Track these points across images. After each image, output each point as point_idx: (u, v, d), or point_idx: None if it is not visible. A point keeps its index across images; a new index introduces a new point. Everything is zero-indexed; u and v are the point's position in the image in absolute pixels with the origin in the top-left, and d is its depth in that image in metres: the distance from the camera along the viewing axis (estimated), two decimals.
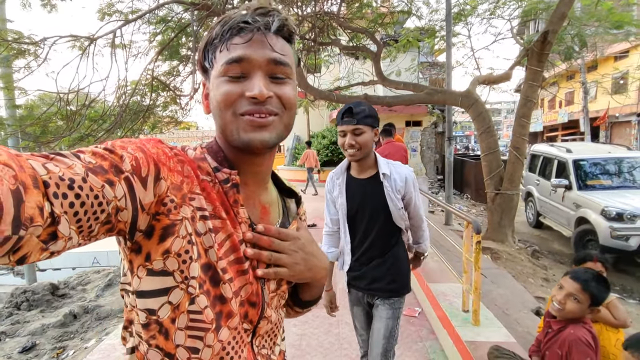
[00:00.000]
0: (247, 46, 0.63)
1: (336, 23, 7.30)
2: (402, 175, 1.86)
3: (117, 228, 0.53)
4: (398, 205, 1.84)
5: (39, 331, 4.31)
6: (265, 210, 0.74)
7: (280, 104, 0.66)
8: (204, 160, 0.67)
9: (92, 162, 0.50)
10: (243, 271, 0.66)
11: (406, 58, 8.97)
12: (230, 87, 0.63)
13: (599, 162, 6.98)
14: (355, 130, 1.74)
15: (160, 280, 0.58)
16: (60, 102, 5.28)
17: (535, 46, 5.40)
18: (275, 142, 0.66)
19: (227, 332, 0.63)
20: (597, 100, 18.50)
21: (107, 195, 0.49)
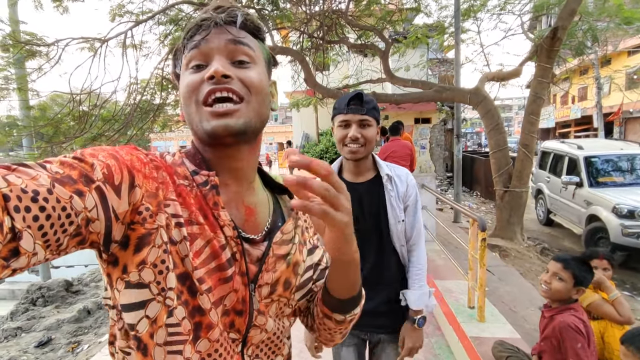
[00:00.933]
0: (208, 36, 0.62)
1: (344, 21, 7.31)
2: (403, 177, 1.55)
3: (89, 240, 0.51)
4: (399, 217, 1.52)
5: (54, 326, 4.44)
6: (250, 211, 0.70)
7: (245, 88, 0.62)
8: (182, 164, 0.65)
9: (59, 172, 0.47)
10: (226, 279, 0.61)
11: (415, 54, 8.93)
12: (192, 77, 0.62)
13: (611, 158, 6.89)
14: (362, 121, 1.43)
15: (137, 293, 0.55)
16: (73, 103, 5.40)
17: (545, 42, 5.35)
18: (241, 128, 0.61)
19: (206, 344, 0.60)
20: (611, 96, 18.19)
21: (76, 206, 0.46)
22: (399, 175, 1.55)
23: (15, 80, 5.68)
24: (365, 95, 1.46)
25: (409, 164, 5.70)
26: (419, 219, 1.55)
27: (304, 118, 15.07)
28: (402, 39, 7.89)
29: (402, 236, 1.53)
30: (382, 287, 1.55)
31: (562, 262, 1.85)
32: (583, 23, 7.98)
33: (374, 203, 1.52)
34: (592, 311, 2.33)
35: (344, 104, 1.44)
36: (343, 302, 0.70)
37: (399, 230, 1.51)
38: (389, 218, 1.51)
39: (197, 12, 6.26)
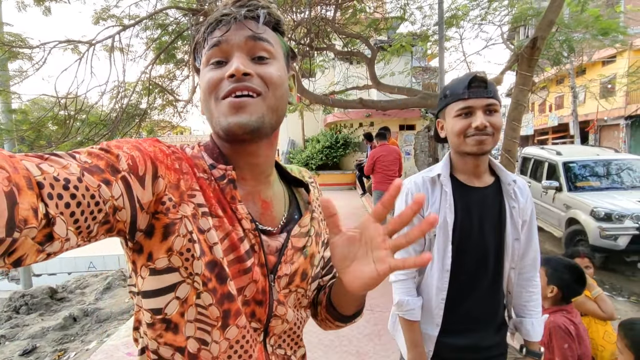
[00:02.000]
0: (228, 32, 0.63)
1: (331, 28, 7.42)
2: (523, 187, 1.28)
3: (117, 228, 0.53)
4: (516, 234, 1.24)
5: (39, 334, 4.33)
6: (266, 205, 0.71)
7: (263, 83, 0.63)
8: (201, 158, 0.66)
9: (87, 162, 0.49)
10: (245, 270, 0.63)
11: (400, 62, 9.11)
12: (213, 73, 0.63)
13: (588, 164, 7.16)
14: (489, 106, 1.15)
15: (166, 278, 0.57)
16: (58, 107, 5.32)
17: (525, 52, 5.54)
18: (256, 125, 0.62)
19: (235, 330, 0.62)
20: (586, 105, 18.90)
21: (104, 194, 0.48)
22: (519, 184, 1.27)
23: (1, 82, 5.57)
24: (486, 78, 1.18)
25: (398, 169, 5.81)
26: (536, 239, 1.32)
27: (290, 124, 15.11)
28: (387, 47, 8.05)
29: (516, 257, 1.27)
30: (490, 318, 1.30)
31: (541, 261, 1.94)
32: (560, 34, 8.30)
33: (495, 216, 1.24)
34: (575, 308, 2.44)
35: (462, 87, 1.17)
36: (347, 316, 0.77)
37: (514, 250, 1.25)
38: (506, 235, 1.24)
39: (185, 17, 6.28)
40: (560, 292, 1.88)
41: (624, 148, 16.56)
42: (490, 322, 1.30)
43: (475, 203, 1.24)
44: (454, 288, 1.25)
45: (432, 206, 1.26)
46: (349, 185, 13.58)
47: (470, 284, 1.26)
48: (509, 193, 1.24)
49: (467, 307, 1.27)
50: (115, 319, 4.61)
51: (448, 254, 1.23)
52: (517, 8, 8.14)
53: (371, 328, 3.36)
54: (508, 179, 1.24)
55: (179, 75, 7.33)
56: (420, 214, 1.26)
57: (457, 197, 1.24)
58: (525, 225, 1.27)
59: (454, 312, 1.27)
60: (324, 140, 14.50)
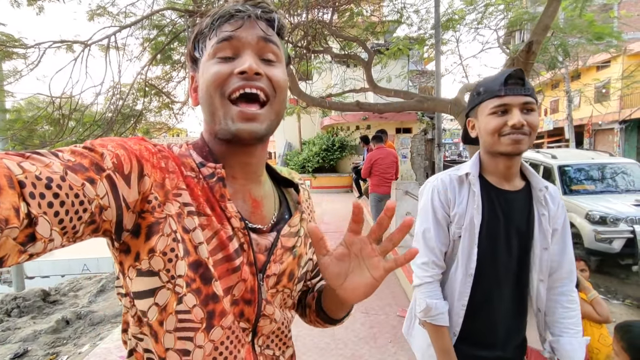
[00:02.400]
0: (238, 29, 0.62)
1: (328, 31, 7.43)
2: (554, 194, 1.21)
3: (103, 228, 0.52)
4: (545, 243, 1.17)
5: (30, 337, 4.28)
6: (257, 204, 0.70)
7: (271, 86, 0.63)
8: (189, 156, 0.65)
9: (71, 160, 0.48)
10: (234, 269, 0.62)
11: (397, 65, 9.15)
12: (220, 67, 0.62)
13: (583, 167, 7.20)
14: (526, 104, 1.10)
15: (148, 281, 0.56)
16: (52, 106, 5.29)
17: (521, 56, 5.56)
18: (265, 133, 0.63)
19: (219, 332, 0.61)
20: (581, 109, 19.04)
21: (88, 193, 0.48)
22: (550, 190, 1.20)
23: None
24: (521, 72, 1.11)
25: (395, 172, 5.81)
26: (570, 249, 1.21)
27: (287, 127, 15.12)
28: (384, 50, 8.08)
29: (545, 268, 1.18)
30: (513, 332, 1.21)
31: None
32: (555, 38, 8.36)
33: (522, 222, 1.18)
34: None
35: (499, 84, 1.11)
36: (338, 319, 0.80)
37: (542, 260, 1.17)
38: (534, 243, 1.18)
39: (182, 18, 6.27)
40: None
41: (619, 152, 16.70)
42: (512, 337, 1.21)
43: (503, 206, 1.18)
44: (477, 294, 1.19)
45: (459, 206, 1.20)
46: (346, 188, 13.58)
47: (494, 291, 1.19)
48: (539, 199, 1.17)
49: (489, 317, 1.19)
50: (108, 322, 4.56)
51: (473, 257, 1.17)
52: (513, 12, 8.20)
53: (367, 331, 3.34)
54: (540, 185, 1.18)
55: (175, 77, 7.31)
56: (446, 212, 1.23)
57: (485, 199, 1.18)
58: (557, 235, 1.20)
59: (475, 319, 1.20)
60: (320, 143, 14.51)
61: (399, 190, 5.33)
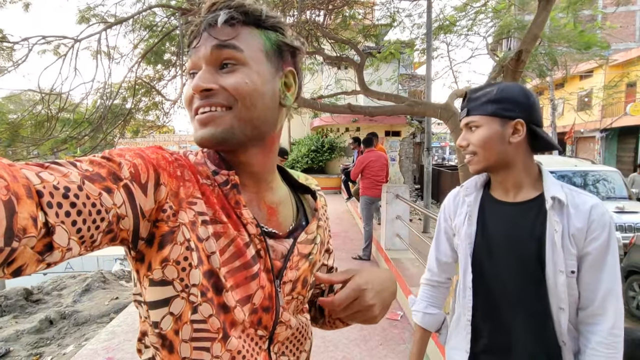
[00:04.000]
0: (200, 42, 0.61)
1: (320, 33, 7.46)
2: (584, 207, 1.01)
3: (120, 237, 0.52)
4: (566, 265, 1.00)
5: (12, 337, 4.18)
6: (272, 210, 0.70)
7: (230, 95, 0.60)
8: (204, 164, 0.65)
9: (89, 170, 0.48)
10: (252, 276, 0.62)
11: (388, 69, 9.23)
12: (187, 87, 0.63)
13: (566, 174, 7.38)
14: (467, 124, 1.11)
15: (161, 291, 0.56)
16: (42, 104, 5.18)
17: (510, 64, 5.69)
18: (223, 136, 0.60)
19: (235, 341, 0.60)
20: (564, 117, 19.51)
21: (106, 203, 0.48)
22: (577, 203, 1.02)
23: None
24: (472, 92, 1.11)
25: (385, 174, 5.86)
26: (609, 279, 0.98)
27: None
28: (376, 53, 8.14)
29: (565, 296, 1.00)
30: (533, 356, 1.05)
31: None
32: (542, 47, 8.55)
33: (531, 232, 1.05)
34: None
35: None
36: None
37: (560, 285, 1.00)
38: (546, 264, 1.02)
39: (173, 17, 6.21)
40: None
41: (599, 159, 17.15)
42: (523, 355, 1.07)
43: (500, 218, 1.11)
44: (482, 314, 1.13)
45: (458, 217, 1.19)
46: (334, 189, 13.63)
47: (503, 314, 1.10)
48: (548, 211, 1.03)
49: (499, 336, 1.11)
50: (94, 322, 4.49)
51: (468, 270, 1.14)
52: (502, 20, 8.36)
53: (357, 333, 3.37)
54: (547, 195, 1.03)
55: (166, 75, 7.24)
56: (449, 224, 1.25)
57: (482, 210, 1.15)
58: (588, 260, 1.00)
59: (482, 336, 1.13)
60: (310, 144, 14.53)
61: (389, 193, 5.38)
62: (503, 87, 1.08)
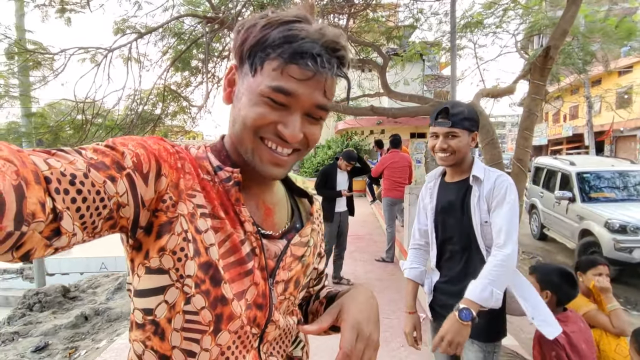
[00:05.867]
0: (304, 83, 0.58)
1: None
2: (492, 178, 1.54)
3: (120, 225, 0.53)
4: (483, 218, 1.53)
5: (51, 332, 4.42)
6: (269, 211, 0.71)
7: (306, 142, 0.64)
8: (206, 159, 0.66)
9: (93, 158, 0.49)
10: (246, 272, 0.63)
11: (413, 70, 9.14)
12: (267, 112, 0.59)
13: (603, 175, 7.05)
14: (449, 133, 1.55)
15: (157, 279, 0.57)
16: (76, 111, 5.47)
17: (538, 61, 5.52)
18: (284, 175, 0.66)
19: (227, 336, 0.60)
20: (602, 115, 18.62)
21: (109, 191, 0.49)
22: (489, 177, 1.55)
23: (19, 88, 5.75)
24: (453, 108, 1.55)
25: (408, 176, 5.80)
26: (508, 216, 1.47)
27: None
28: (401, 53, 8.08)
29: (489, 239, 1.52)
30: (468, 277, 1.51)
31: (530, 269, 2.01)
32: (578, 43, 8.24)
33: (462, 201, 1.59)
34: (587, 320, 2.39)
35: (433, 117, 1.60)
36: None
37: (484, 233, 1.53)
38: (473, 218, 1.53)
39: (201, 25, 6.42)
40: (555, 296, 1.92)
41: None
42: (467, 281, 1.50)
43: (447, 193, 1.67)
44: (440, 252, 1.69)
45: (426, 197, 1.76)
46: (359, 192, 13.57)
47: (454, 245, 1.64)
48: (472, 184, 1.56)
49: (449, 268, 1.66)
50: (125, 319, 4.68)
51: (432, 229, 1.70)
52: (532, 17, 8.11)
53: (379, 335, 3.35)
54: (470, 175, 1.57)
55: (193, 82, 7.47)
56: (424, 203, 1.78)
57: (439, 189, 1.71)
58: (493, 209, 1.52)
59: (442, 268, 1.69)
60: (335, 146, 14.55)
61: (412, 194, 5.33)
62: (468, 107, 1.58)
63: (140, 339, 0.60)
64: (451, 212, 1.63)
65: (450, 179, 1.69)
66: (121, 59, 6.01)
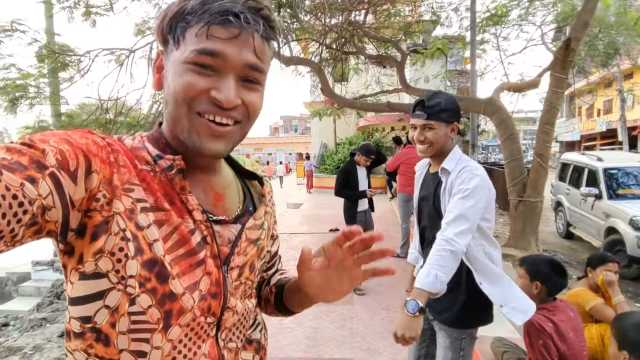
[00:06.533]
0: (229, 42, 0.56)
1: (362, 32, 7.49)
2: (458, 170, 1.58)
3: (46, 229, 0.49)
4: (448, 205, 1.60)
5: None
6: (218, 196, 0.68)
7: (246, 112, 0.61)
8: (143, 149, 0.62)
9: (6, 159, 0.44)
10: (198, 263, 0.60)
11: (434, 65, 9.00)
12: (195, 79, 0.56)
13: (631, 171, 6.76)
14: (425, 125, 1.59)
15: (94, 284, 0.53)
16: (100, 110, 5.73)
17: (559, 53, 5.37)
18: (226, 152, 0.63)
19: (178, 330, 0.58)
20: (635, 109, 17.75)
21: (29, 194, 0.44)
22: (455, 169, 1.60)
23: (49, 89, 6.07)
24: (429, 100, 1.58)
25: None
26: (452, 206, 1.52)
27: (323, 128, 15.31)
28: (421, 50, 7.99)
29: None
30: None
31: (519, 261, 2.04)
32: (604, 35, 7.92)
33: (435, 192, 1.69)
34: (594, 314, 2.41)
35: (412, 110, 1.65)
36: (297, 312, 0.82)
37: None
38: (442, 204, 1.62)
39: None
40: (545, 287, 1.94)
41: None
42: None
43: (427, 184, 1.78)
44: (421, 240, 1.80)
45: (417, 186, 1.86)
46: (379, 189, 13.51)
47: (428, 233, 1.74)
48: (441, 176, 1.64)
49: (428, 247, 1.70)
50: None
51: (416, 216, 1.84)
52: (561, 7, 7.84)
53: (385, 326, 3.37)
54: (441, 167, 1.63)
55: None
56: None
57: (423, 179, 1.82)
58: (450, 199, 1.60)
59: (424, 254, 1.76)
60: (357, 142, 14.54)
61: None
62: (446, 99, 1.59)
63: (82, 348, 0.56)
64: (426, 202, 1.73)
65: (432, 170, 1.75)
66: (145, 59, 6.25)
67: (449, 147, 1.65)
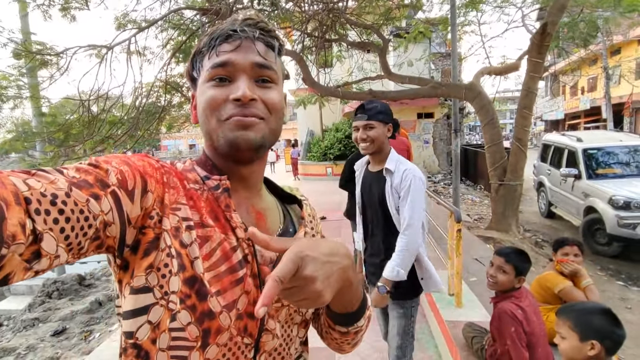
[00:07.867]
0: (235, 51, 0.63)
1: (344, 19, 7.44)
2: (400, 171, 1.82)
3: (106, 244, 0.52)
4: (395, 204, 1.83)
5: (68, 317, 4.75)
6: (260, 216, 0.70)
7: (266, 109, 0.64)
8: (192, 170, 0.66)
9: (76, 177, 0.48)
10: (237, 280, 0.61)
11: (417, 49, 8.98)
12: (215, 92, 0.62)
13: (610, 150, 6.91)
14: (366, 125, 1.83)
15: (141, 298, 0.55)
16: (82, 108, 5.69)
17: (535, 38, 5.44)
18: (260, 143, 0.64)
19: (215, 349, 0.58)
20: (621, 86, 17.92)
21: (93, 209, 0.48)
22: (399, 169, 1.83)
23: (28, 89, 6.00)
24: (367, 104, 1.85)
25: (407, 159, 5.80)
26: (410, 208, 1.79)
27: (309, 115, 15.24)
28: (404, 34, 7.96)
29: (398, 222, 1.84)
30: (386, 260, 1.85)
31: (504, 257, 2.00)
32: (584, 14, 7.98)
33: (379, 190, 1.88)
34: (562, 297, 2.44)
35: (354, 114, 1.91)
36: (342, 315, 0.68)
37: (394, 217, 1.85)
38: (388, 205, 1.84)
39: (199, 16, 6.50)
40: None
41: None
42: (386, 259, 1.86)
43: (369, 181, 1.98)
44: (366, 232, 2.05)
45: (358, 183, 2.06)
46: None
47: (374, 234, 1.99)
48: (385, 175, 1.85)
49: (372, 247, 2.01)
50: None
51: (360, 213, 2.05)
52: None
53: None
54: (384, 167, 1.85)
55: None
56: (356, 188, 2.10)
57: (363, 177, 2.03)
58: (401, 199, 1.81)
59: (367, 244, 2.07)
60: (344, 129, 14.56)
61: None
62: (381, 104, 1.86)
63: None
64: (371, 198, 1.94)
65: (372, 168, 1.97)
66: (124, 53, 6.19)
67: (387, 148, 1.90)
